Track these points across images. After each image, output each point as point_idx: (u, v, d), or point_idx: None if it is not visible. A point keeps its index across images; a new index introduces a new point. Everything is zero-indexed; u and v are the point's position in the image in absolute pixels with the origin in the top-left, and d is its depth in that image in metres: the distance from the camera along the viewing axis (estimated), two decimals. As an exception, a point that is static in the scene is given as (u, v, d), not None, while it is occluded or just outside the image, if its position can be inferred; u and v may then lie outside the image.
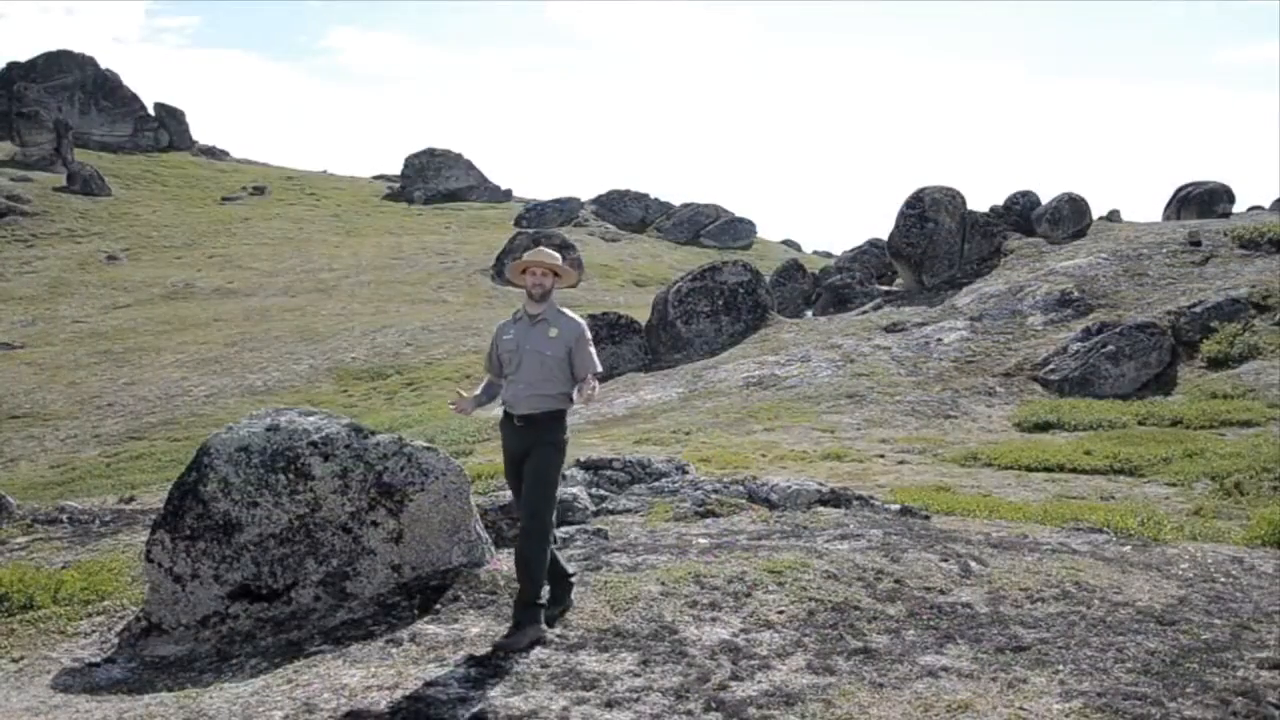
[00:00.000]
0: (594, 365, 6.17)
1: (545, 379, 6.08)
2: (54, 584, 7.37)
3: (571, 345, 6.13)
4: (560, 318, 6.21)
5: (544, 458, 6.03)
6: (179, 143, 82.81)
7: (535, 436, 6.05)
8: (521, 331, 6.22)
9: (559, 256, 6.33)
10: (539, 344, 6.11)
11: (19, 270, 50.86)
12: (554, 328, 6.15)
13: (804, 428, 17.58)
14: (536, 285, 6.19)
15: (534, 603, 5.86)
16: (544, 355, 6.08)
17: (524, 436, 6.09)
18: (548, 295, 6.23)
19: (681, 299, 26.39)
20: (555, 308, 6.26)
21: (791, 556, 7.17)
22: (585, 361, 6.14)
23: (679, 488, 9.70)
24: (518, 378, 6.13)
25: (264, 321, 38.78)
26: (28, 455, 25.26)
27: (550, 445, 6.07)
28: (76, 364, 33.70)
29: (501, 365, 6.28)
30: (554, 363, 6.08)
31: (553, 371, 6.09)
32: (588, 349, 6.18)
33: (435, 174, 75.67)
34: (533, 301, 6.22)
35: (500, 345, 6.31)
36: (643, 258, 57.39)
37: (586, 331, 6.23)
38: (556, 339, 6.12)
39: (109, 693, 5.77)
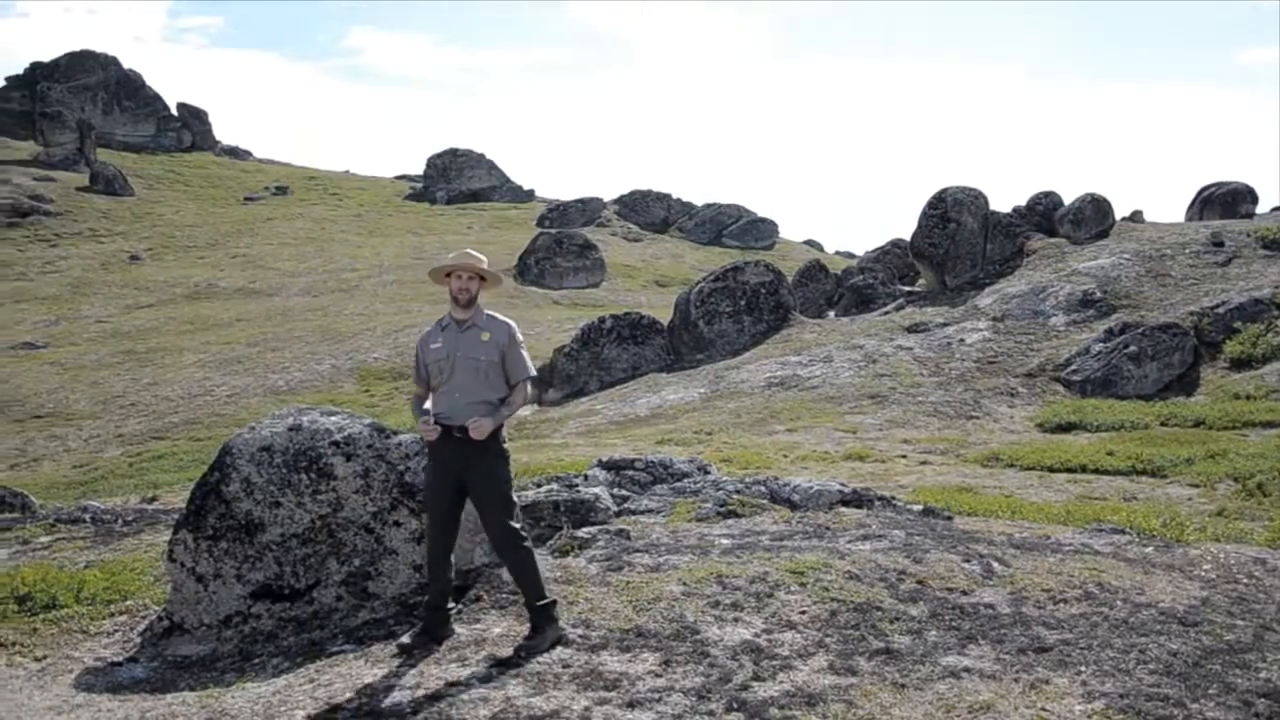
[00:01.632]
0: (528, 369, 5.99)
1: (482, 386, 5.87)
2: (77, 583, 7.41)
3: (504, 348, 5.93)
4: (491, 322, 6.01)
5: (494, 470, 5.85)
6: (202, 143, 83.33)
7: (479, 447, 5.80)
8: (451, 339, 5.96)
9: (484, 259, 6.14)
10: (472, 350, 5.89)
11: (42, 270, 51.26)
12: (486, 332, 5.95)
13: (826, 428, 17.53)
14: (462, 290, 5.98)
15: (544, 602, 5.82)
16: (478, 361, 5.87)
17: (466, 449, 5.80)
18: (474, 301, 6.02)
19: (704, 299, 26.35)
20: (483, 312, 6.06)
21: (814, 557, 7.14)
22: (518, 365, 5.95)
23: (701, 488, 9.68)
24: (451, 387, 5.89)
25: (286, 321, 38.95)
26: (51, 455, 25.44)
27: (497, 456, 5.88)
28: (99, 364, 33.94)
29: (429, 376, 6.02)
30: (488, 368, 5.88)
31: (488, 377, 5.88)
32: (520, 351, 5.99)
33: (458, 174, 75.93)
34: (459, 307, 5.99)
35: (427, 355, 6.03)
36: (665, 258, 57.40)
37: (518, 334, 6.05)
38: (489, 343, 5.91)
39: (131, 692, 5.80)
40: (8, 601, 7.05)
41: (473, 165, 76.92)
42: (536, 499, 8.44)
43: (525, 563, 5.83)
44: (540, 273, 47.47)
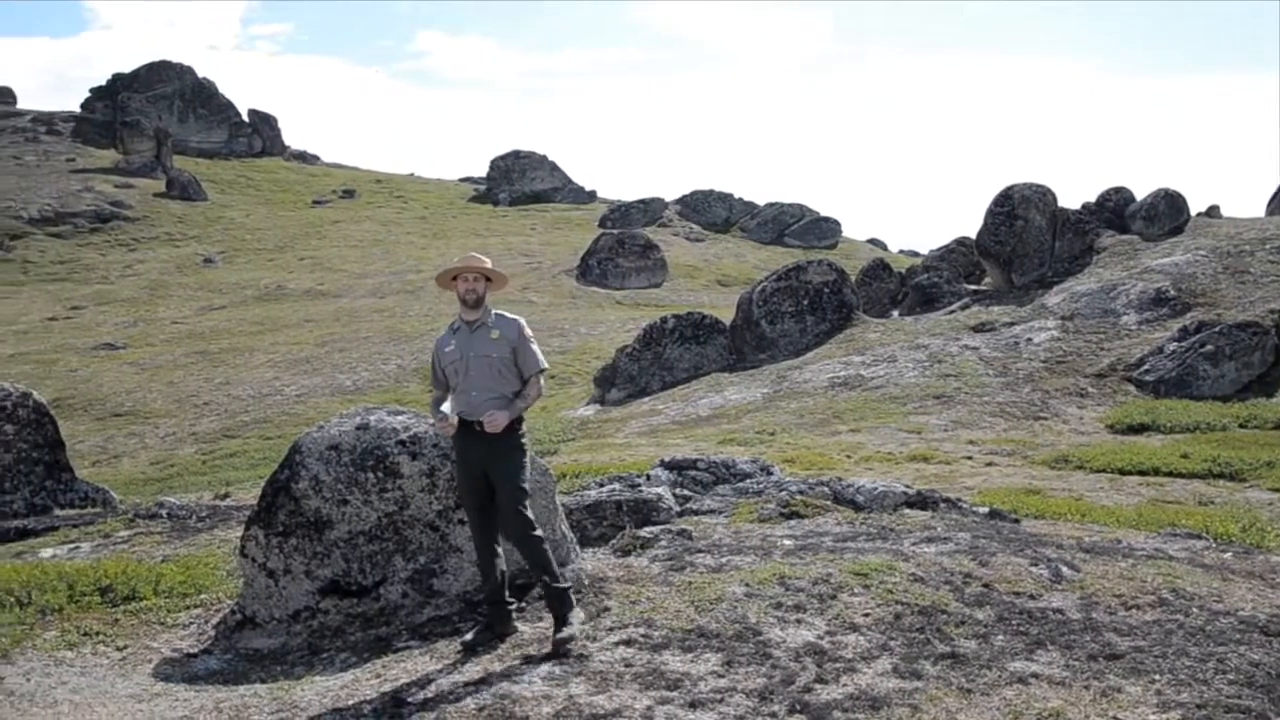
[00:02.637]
0: (539, 362, 6.13)
1: (497, 382, 6.04)
2: (154, 577, 7.61)
3: (515, 344, 6.10)
4: (500, 320, 6.17)
5: (511, 465, 5.98)
6: (271, 148, 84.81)
7: (500, 441, 5.98)
8: (463, 340, 6.15)
9: (488, 260, 6.26)
10: (483, 349, 6.06)
11: (122, 273, 52.54)
12: (495, 329, 6.12)
13: (890, 429, 17.38)
14: (469, 292, 6.14)
15: (561, 585, 5.93)
16: (490, 358, 6.04)
17: (488, 442, 5.98)
18: (482, 301, 6.18)
19: (766, 299, 26.25)
20: (492, 312, 6.22)
21: (877, 559, 7.09)
22: (529, 359, 6.11)
23: (763, 488, 9.65)
24: (468, 385, 6.07)
25: (353, 322, 39.49)
26: (129, 452, 26.07)
27: (516, 448, 6.03)
28: (175, 364, 34.69)
29: (447, 378, 6.21)
30: (501, 364, 6.05)
31: (502, 374, 6.06)
32: (530, 346, 6.14)
33: (520, 175, 76.40)
34: (468, 308, 6.17)
35: (443, 358, 6.23)
36: (727, 258, 57.26)
37: (526, 329, 6.19)
38: (499, 340, 6.08)
39: (206, 683, 5.93)
40: (91, 593, 7.27)
41: (535, 167, 77.36)
42: (599, 499, 8.48)
43: (541, 553, 5.94)
44: (602, 273, 47.61)
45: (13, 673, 5.98)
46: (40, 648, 6.41)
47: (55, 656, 6.30)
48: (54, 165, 70.00)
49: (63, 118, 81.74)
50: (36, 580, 7.36)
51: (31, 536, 10.19)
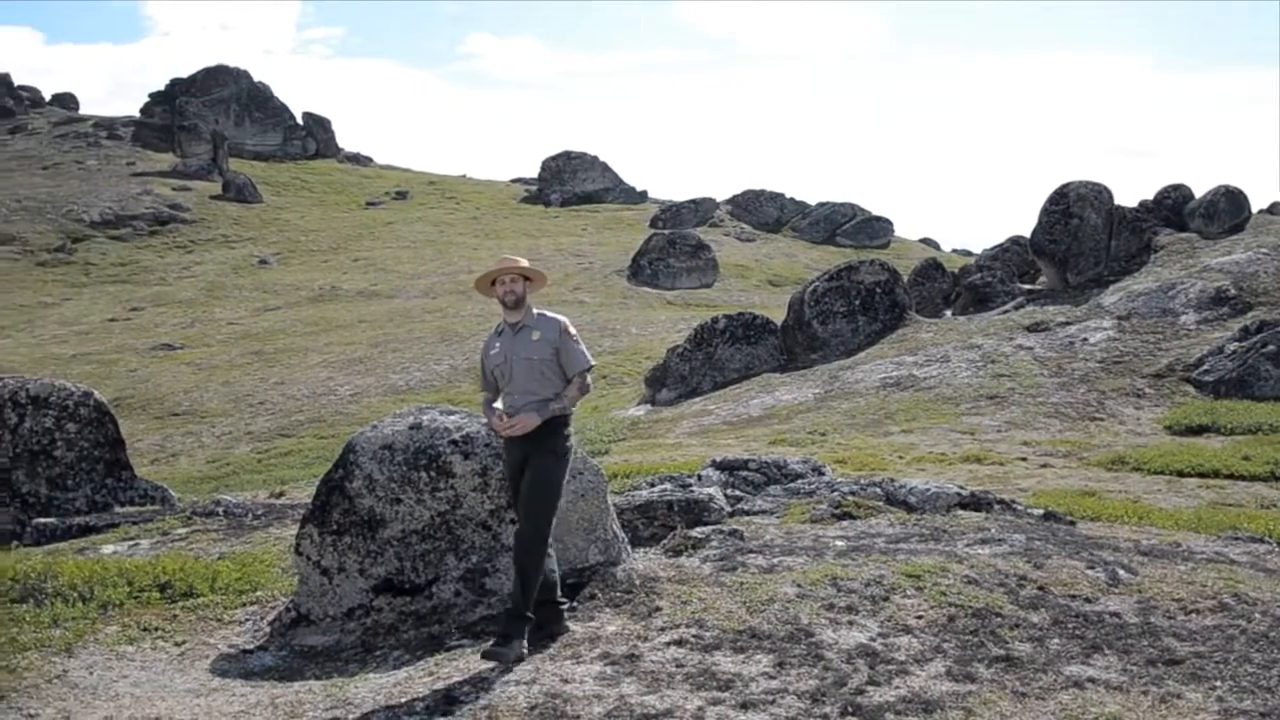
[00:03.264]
0: (584, 360, 6.08)
1: (539, 384, 6.00)
2: (211, 574, 7.73)
3: (557, 344, 6.05)
4: (541, 320, 6.14)
5: (544, 466, 5.92)
6: (325, 150, 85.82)
7: (535, 444, 5.95)
8: (506, 342, 6.14)
9: (524, 260, 6.23)
10: (525, 350, 6.04)
11: (179, 275, 53.44)
12: (536, 330, 6.08)
13: (943, 429, 17.22)
14: (509, 293, 6.11)
15: (523, 615, 5.78)
16: (532, 361, 6.01)
17: (525, 444, 5.97)
18: (522, 301, 6.14)
19: (818, 299, 26.11)
20: (534, 312, 6.18)
21: (930, 560, 7.03)
22: (574, 358, 6.07)
23: (815, 489, 9.61)
24: (512, 388, 6.06)
25: (406, 323, 39.84)
26: (187, 451, 26.50)
27: (550, 452, 5.95)
28: (231, 364, 35.20)
29: (495, 381, 6.21)
30: (543, 365, 6.01)
31: (545, 375, 6.02)
32: (573, 345, 6.09)
33: (571, 176, 76.65)
34: (509, 310, 6.15)
35: (489, 361, 6.24)
36: (778, 257, 57.06)
37: (569, 327, 6.14)
38: (540, 341, 6.05)
39: (262, 679, 6.01)
40: (150, 589, 7.40)
41: (586, 167, 77.58)
42: (650, 498, 8.48)
43: (534, 570, 5.80)
44: (653, 273, 47.62)
45: (76, 666, 6.11)
46: (102, 642, 6.53)
47: (116, 651, 6.42)
48: (114, 169, 71.37)
49: (123, 122, 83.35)
50: (98, 576, 7.51)
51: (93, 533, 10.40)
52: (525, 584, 5.79)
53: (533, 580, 5.81)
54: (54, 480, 11.94)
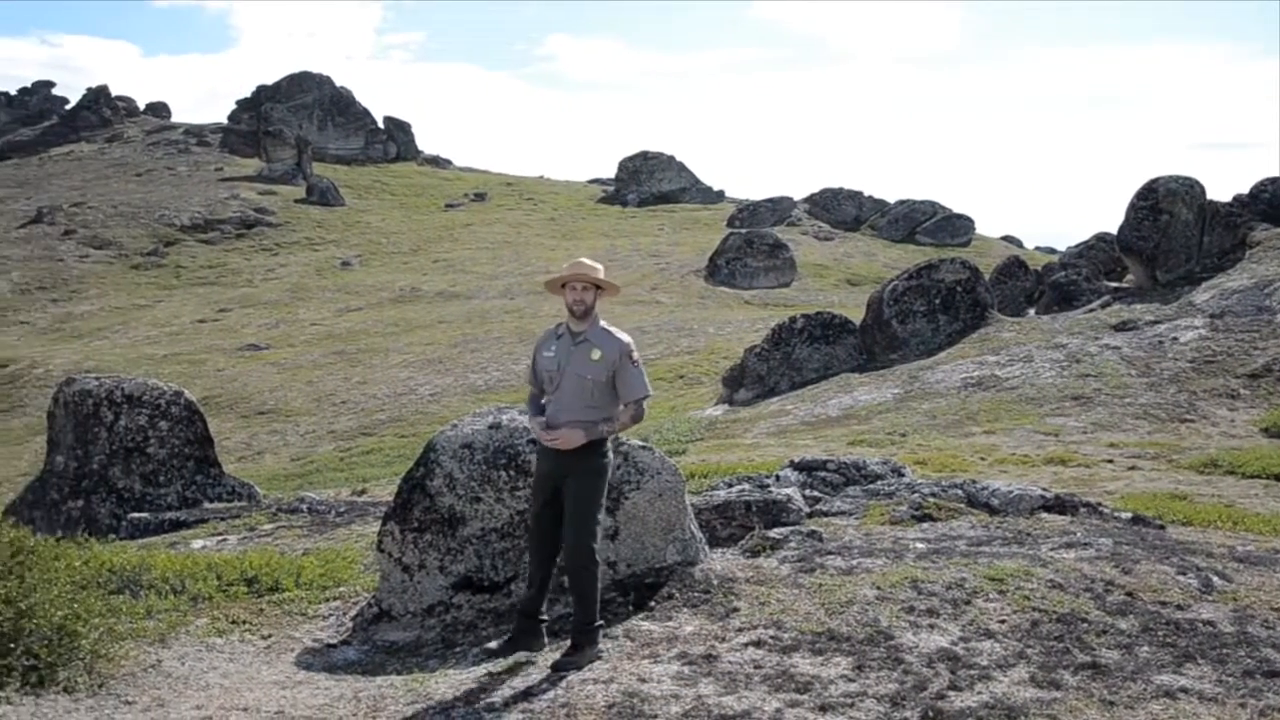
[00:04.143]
0: (641, 389, 5.77)
1: (586, 404, 5.72)
2: (296, 569, 7.89)
3: (615, 366, 5.72)
4: (605, 337, 5.78)
5: (584, 486, 5.73)
6: (406, 153, 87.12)
7: (573, 462, 5.73)
8: (563, 350, 5.82)
9: (600, 268, 5.89)
10: (580, 367, 5.73)
11: (265, 277, 54.63)
12: (597, 349, 5.74)
13: (1026, 430, 16.91)
14: (578, 302, 5.79)
15: (592, 625, 5.75)
16: (584, 379, 5.71)
17: (562, 461, 5.76)
18: (590, 312, 5.82)
19: (897, 298, 25.80)
20: (600, 326, 5.85)
21: (1013, 564, 6.91)
22: (631, 385, 5.74)
23: (895, 490, 9.50)
24: (556, 398, 5.80)
25: (485, 323, 40.25)
26: (272, 449, 27.08)
27: (591, 472, 5.75)
28: (314, 364, 35.87)
29: (542, 381, 5.97)
30: (595, 387, 5.72)
31: (594, 396, 5.72)
32: (633, 370, 5.75)
33: (648, 176, 76.78)
34: (575, 319, 5.83)
35: (540, 362, 5.94)
36: (857, 256, 56.54)
37: (633, 351, 5.79)
38: (599, 362, 5.71)
39: (345, 673, 6.12)
40: (238, 583, 7.59)
41: (663, 167, 77.65)
42: (728, 499, 8.46)
43: (587, 584, 5.74)
44: (730, 273, 47.49)
45: (169, 656, 6.27)
46: (193, 634, 6.71)
47: (206, 642, 6.58)
48: (203, 175, 73.27)
49: (211, 129, 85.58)
50: (188, 570, 7.71)
51: (184, 528, 10.68)
52: (585, 598, 5.75)
53: (591, 592, 5.75)
54: (147, 476, 12.28)
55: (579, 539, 5.74)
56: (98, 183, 70.76)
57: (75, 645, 5.64)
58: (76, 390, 12.55)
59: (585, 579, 5.76)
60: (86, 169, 75.82)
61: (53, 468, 12.59)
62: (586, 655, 5.68)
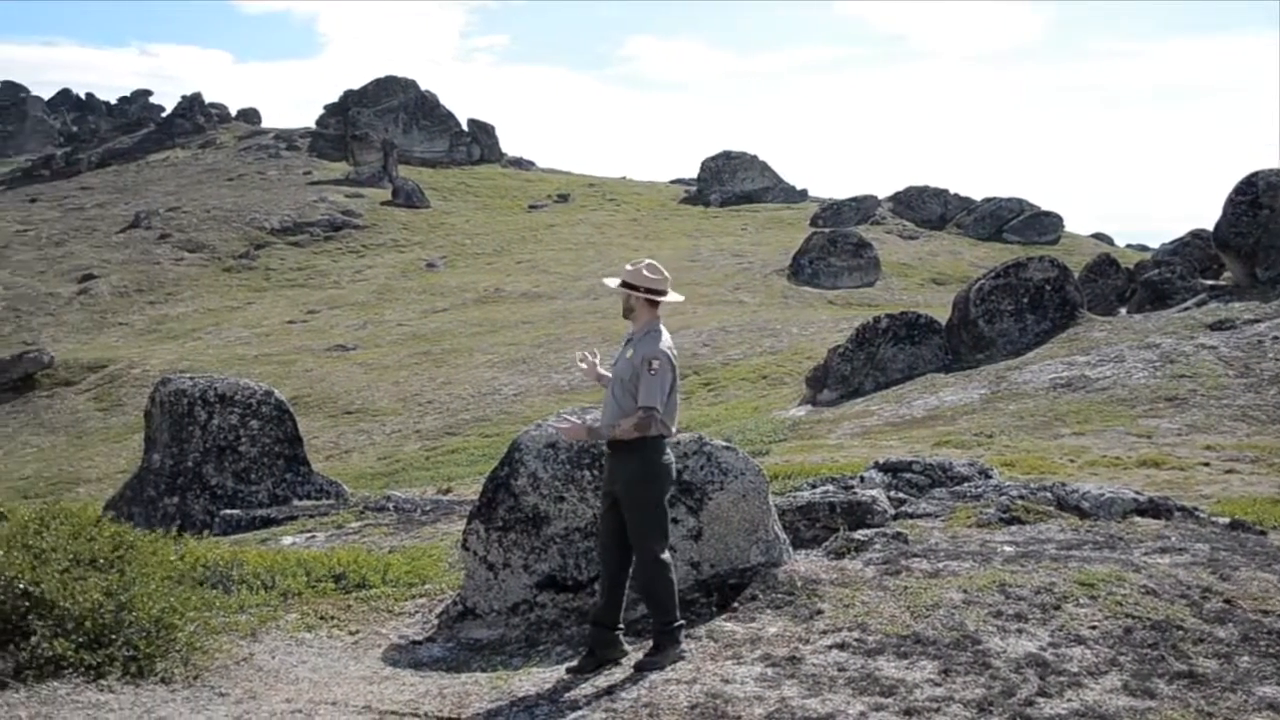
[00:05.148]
0: (647, 398, 5.66)
1: (617, 403, 5.81)
2: (383, 566, 8.03)
3: (639, 370, 5.75)
4: (643, 341, 5.84)
5: (633, 492, 5.76)
6: (489, 155, 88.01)
7: (621, 464, 5.79)
8: (619, 351, 6.04)
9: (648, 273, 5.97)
10: (620, 367, 5.88)
11: (352, 279, 55.61)
12: (632, 349, 5.86)
13: (1117, 432, 16.50)
14: (624, 302, 6.03)
15: (672, 625, 5.75)
16: (622, 379, 5.81)
17: (611, 464, 5.86)
18: (630, 313, 5.97)
19: (984, 297, 25.37)
20: (647, 330, 5.88)
21: (1105, 569, 6.74)
22: (644, 390, 5.69)
23: (982, 492, 9.34)
24: (604, 398, 5.97)
25: (568, 323, 40.49)
26: (359, 448, 27.57)
27: (637, 477, 5.76)
28: (400, 364, 36.42)
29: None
30: (624, 387, 5.79)
31: (624, 395, 5.78)
32: (648, 376, 5.69)
33: (731, 176, 76.57)
34: (626, 319, 6.03)
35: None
36: (942, 255, 55.77)
37: (654, 360, 5.71)
38: (630, 361, 5.84)
39: (430, 669, 6.20)
40: (326, 579, 7.74)
41: (745, 167, 77.38)
42: (812, 500, 8.40)
43: (665, 589, 5.75)
44: (814, 272, 47.17)
45: (260, 650, 6.42)
46: (283, 628, 6.86)
47: (296, 637, 6.72)
48: (293, 179, 74.83)
49: (300, 134, 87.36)
50: (279, 566, 7.89)
51: (274, 525, 10.93)
52: (659, 601, 5.77)
53: (664, 594, 5.76)
54: (239, 474, 12.59)
55: (640, 543, 5.78)
56: (192, 188, 72.72)
57: (172, 638, 5.81)
58: (172, 390, 12.91)
59: (655, 582, 5.78)
60: (181, 174, 77.97)
61: (150, 465, 12.97)
62: (669, 655, 5.69)
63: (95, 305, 52.06)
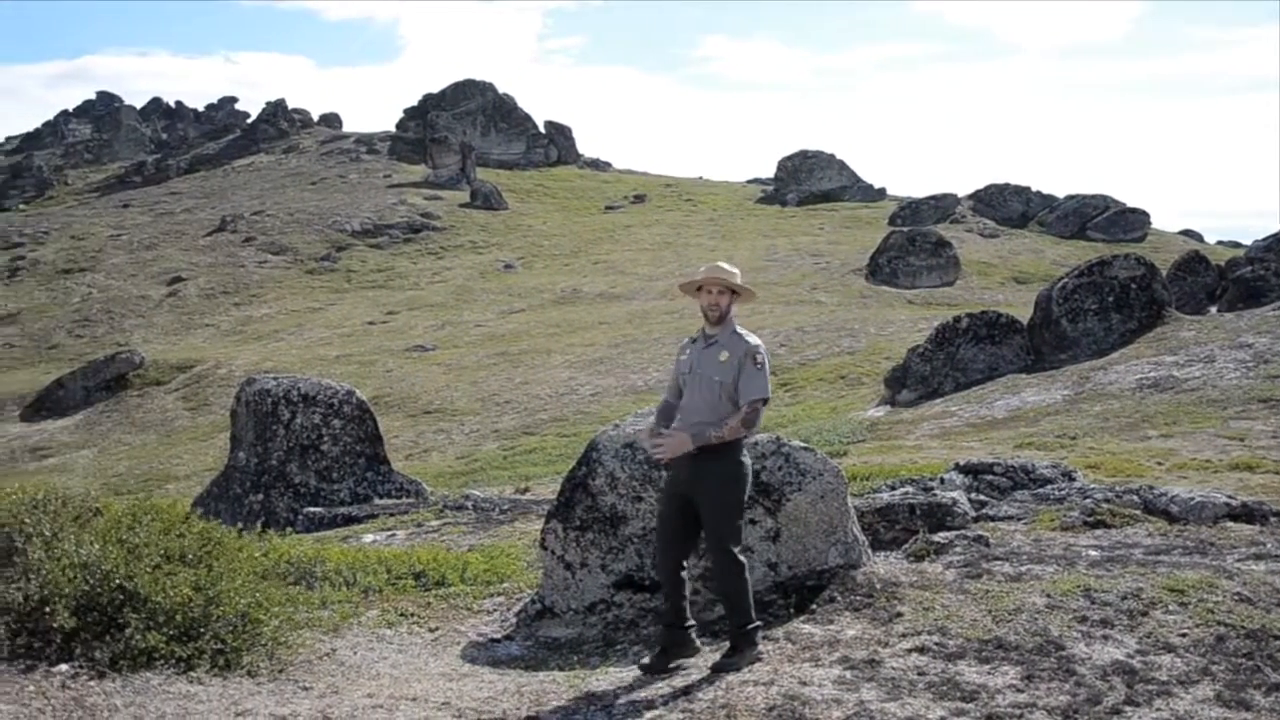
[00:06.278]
0: (758, 390, 5.70)
1: (712, 408, 5.72)
2: (461, 564, 8.12)
3: (740, 368, 5.72)
4: (734, 340, 5.80)
5: (718, 494, 5.71)
6: (566, 157, 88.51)
7: (708, 467, 5.69)
8: (696, 354, 5.89)
9: (736, 273, 5.94)
10: (710, 369, 5.76)
11: (431, 280, 56.31)
12: (725, 350, 5.77)
13: (1207, 434, 16.06)
14: (713, 306, 5.85)
15: (749, 626, 5.73)
16: (713, 381, 5.73)
17: (695, 467, 5.71)
18: (725, 317, 5.87)
19: (1067, 296, 24.87)
20: (732, 330, 5.86)
21: (1196, 575, 6.56)
22: (748, 384, 5.69)
23: (1065, 495, 9.16)
24: (687, 403, 5.85)
25: (644, 324, 40.54)
26: (438, 447, 27.90)
27: (724, 479, 5.73)
28: (478, 365, 36.78)
29: (678, 388, 6.00)
30: (722, 389, 5.72)
31: (720, 398, 5.72)
32: (754, 369, 5.71)
33: (808, 175, 76.06)
34: (709, 323, 5.90)
35: (677, 366, 6.02)
36: (1023, 254, 54.80)
37: (758, 353, 5.76)
38: (726, 363, 5.73)
39: (508, 667, 6.25)
40: (406, 577, 7.85)
41: (823, 166, 76.80)
42: (891, 501, 8.31)
43: (736, 590, 5.73)
44: (892, 272, 46.67)
45: (343, 645, 6.53)
46: (364, 625, 6.97)
47: (377, 633, 6.83)
48: (373, 182, 76.03)
49: (380, 138, 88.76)
50: (360, 563, 8.02)
51: (355, 523, 11.11)
52: (736, 603, 5.76)
53: (741, 596, 5.75)
54: (322, 473, 12.81)
55: (719, 545, 5.74)
56: (275, 192, 74.27)
57: (258, 632, 5.93)
58: (257, 390, 13.19)
59: (733, 584, 5.76)
60: (265, 179, 79.67)
61: (235, 463, 13.27)
62: (745, 656, 5.67)
63: (183, 307, 53.45)
